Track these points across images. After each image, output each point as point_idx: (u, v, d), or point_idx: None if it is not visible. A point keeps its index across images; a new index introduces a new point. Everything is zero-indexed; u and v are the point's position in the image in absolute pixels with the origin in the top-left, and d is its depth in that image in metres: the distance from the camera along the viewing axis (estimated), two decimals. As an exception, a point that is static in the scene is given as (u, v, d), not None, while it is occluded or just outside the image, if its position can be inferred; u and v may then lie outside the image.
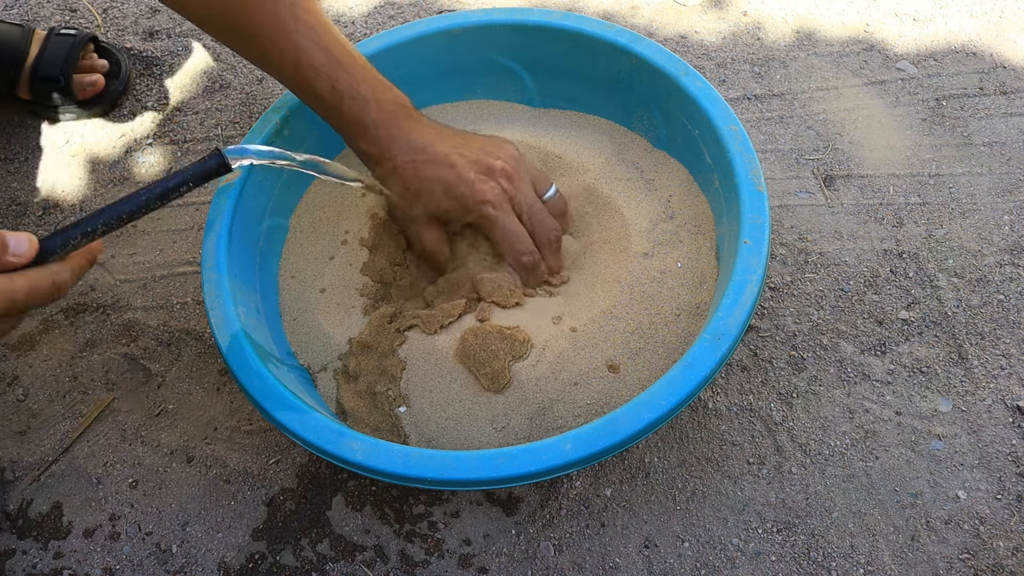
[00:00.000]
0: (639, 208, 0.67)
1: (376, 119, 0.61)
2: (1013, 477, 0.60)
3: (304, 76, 0.60)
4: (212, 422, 0.69)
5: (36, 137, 0.90)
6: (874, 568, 0.58)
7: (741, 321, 0.54)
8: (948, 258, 0.71)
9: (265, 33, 0.59)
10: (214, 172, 0.51)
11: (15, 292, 0.45)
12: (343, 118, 0.62)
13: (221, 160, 0.52)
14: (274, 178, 0.69)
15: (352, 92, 0.60)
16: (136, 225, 0.82)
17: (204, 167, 0.51)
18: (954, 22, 0.87)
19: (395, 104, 0.62)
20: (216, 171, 0.52)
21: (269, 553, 0.62)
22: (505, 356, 0.59)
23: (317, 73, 0.60)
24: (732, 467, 0.63)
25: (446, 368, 0.60)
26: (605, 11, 0.93)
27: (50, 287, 0.47)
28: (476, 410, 0.59)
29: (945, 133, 0.79)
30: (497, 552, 0.61)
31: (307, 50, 0.60)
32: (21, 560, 0.64)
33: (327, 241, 0.71)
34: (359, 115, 0.61)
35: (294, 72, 0.60)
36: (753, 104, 0.83)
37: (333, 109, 0.61)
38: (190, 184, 0.51)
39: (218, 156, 0.52)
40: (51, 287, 0.47)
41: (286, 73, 0.61)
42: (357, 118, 0.61)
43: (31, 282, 0.46)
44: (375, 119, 0.61)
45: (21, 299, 0.46)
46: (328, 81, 0.60)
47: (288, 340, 0.67)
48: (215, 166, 0.51)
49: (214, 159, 0.51)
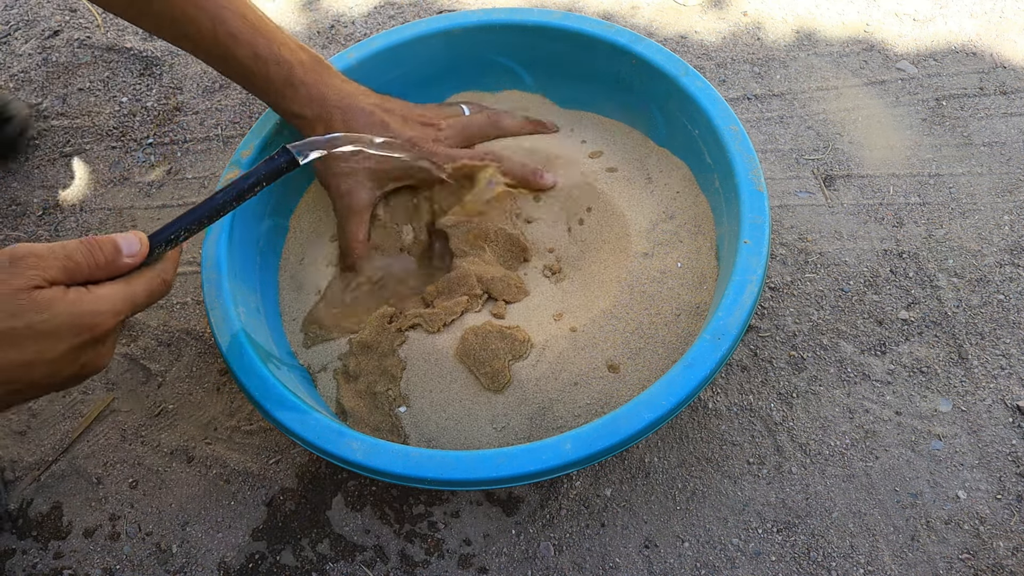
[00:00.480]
0: (639, 208, 0.67)
1: (303, 79, 0.62)
2: (1013, 477, 0.60)
3: (224, 45, 0.60)
4: (212, 422, 0.69)
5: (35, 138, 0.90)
6: (874, 568, 0.58)
7: (741, 321, 0.54)
8: (948, 258, 0.71)
9: (178, 6, 0.59)
10: (284, 169, 0.52)
11: (136, 295, 0.46)
12: (270, 83, 0.62)
13: (290, 157, 0.52)
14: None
15: (275, 56, 0.61)
16: (136, 224, 0.82)
17: (274, 165, 0.52)
18: (954, 22, 0.87)
19: (316, 62, 0.63)
20: (286, 168, 0.52)
21: (269, 553, 0.62)
22: (505, 356, 0.59)
23: (237, 41, 0.60)
24: (732, 467, 0.63)
25: (446, 368, 0.60)
26: (605, 11, 0.93)
27: (162, 286, 0.48)
28: (476, 410, 0.59)
29: (945, 133, 0.79)
30: (497, 552, 0.61)
31: (224, 19, 0.59)
32: (21, 560, 0.64)
33: (327, 241, 0.71)
34: (286, 78, 0.61)
35: (212, 43, 0.60)
36: (753, 104, 0.83)
37: (259, 75, 0.61)
38: (263, 183, 0.51)
39: (286, 153, 0.52)
40: (163, 285, 0.48)
41: (204, 45, 0.61)
42: (285, 80, 0.62)
43: (148, 284, 0.47)
44: (302, 79, 0.62)
45: (142, 301, 0.47)
46: (250, 48, 0.60)
47: (288, 340, 0.67)
48: (284, 164, 0.52)
49: (283, 157, 0.52)
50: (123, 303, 0.45)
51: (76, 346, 0.43)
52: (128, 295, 0.46)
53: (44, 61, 0.97)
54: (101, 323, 0.44)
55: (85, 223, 0.83)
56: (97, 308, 0.44)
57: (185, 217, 0.49)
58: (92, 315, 0.43)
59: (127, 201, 0.84)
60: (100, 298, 0.44)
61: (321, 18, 0.98)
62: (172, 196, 0.84)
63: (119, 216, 0.83)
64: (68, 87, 0.94)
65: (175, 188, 0.85)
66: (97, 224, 0.82)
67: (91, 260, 0.44)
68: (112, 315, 0.44)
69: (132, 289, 0.46)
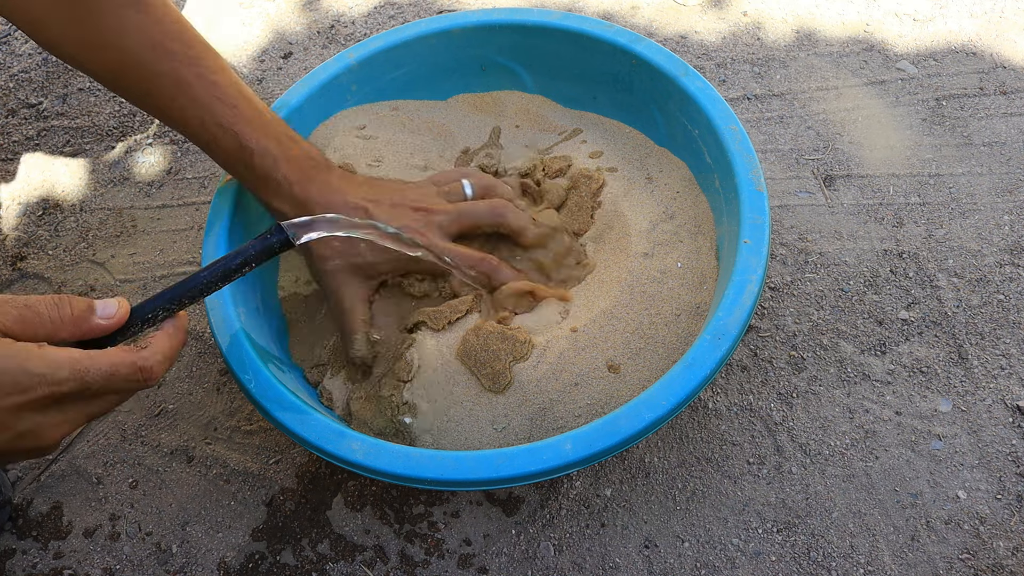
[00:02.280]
0: (639, 208, 0.67)
1: (287, 175, 0.59)
2: (1013, 477, 0.60)
3: (211, 135, 0.58)
4: (212, 422, 0.69)
5: (35, 138, 0.90)
6: (874, 568, 0.58)
7: (741, 321, 0.54)
8: (948, 258, 0.71)
9: (172, 97, 0.57)
10: (277, 250, 0.48)
11: (87, 372, 0.39)
12: (255, 175, 0.59)
13: (283, 237, 0.48)
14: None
15: (261, 149, 0.58)
16: (136, 225, 0.82)
17: (266, 244, 0.47)
18: (954, 22, 0.87)
19: (305, 159, 0.60)
20: (279, 249, 0.48)
21: (269, 553, 0.62)
22: (506, 357, 0.59)
23: (223, 132, 0.57)
24: (732, 467, 0.63)
25: (450, 371, 0.60)
26: (605, 11, 0.93)
27: (131, 370, 0.40)
28: (477, 411, 0.59)
29: (945, 133, 0.79)
30: (497, 552, 0.61)
31: (213, 110, 0.57)
32: (21, 560, 0.64)
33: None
34: (269, 171, 0.59)
35: (200, 130, 0.58)
36: (753, 104, 0.83)
37: (244, 166, 0.59)
38: (252, 264, 0.47)
39: (280, 232, 0.48)
40: (133, 370, 0.40)
41: (191, 131, 0.58)
42: (267, 174, 0.59)
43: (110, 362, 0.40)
44: (285, 175, 0.59)
45: (97, 381, 0.39)
46: (235, 139, 0.58)
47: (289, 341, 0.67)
48: (277, 244, 0.48)
49: (276, 236, 0.48)
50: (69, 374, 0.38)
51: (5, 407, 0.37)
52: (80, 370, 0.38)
53: (44, 61, 0.97)
54: (33, 386, 0.37)
55: (85, 223, 0.83)
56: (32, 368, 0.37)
57: (164, 295, 0.45)
58: (24, 374, 0.37)
59: (127, 201, 0.84)
60: (43, 357, 0.38)
61: (321, 18, 0.98)
62: (172, 196, 0.84)
63: (119, 216, 0.83)
64: (68, 87, 0.94)
65: (175, 188, 0.85)
66: (97, 224, 0.82)
67: (55, 313, 0.39)
68: (50, 383, 0.37)
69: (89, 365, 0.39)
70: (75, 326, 0.40)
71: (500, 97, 0.77)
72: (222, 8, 1.01)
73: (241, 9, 1.00)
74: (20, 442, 0.38)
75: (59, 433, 0.40)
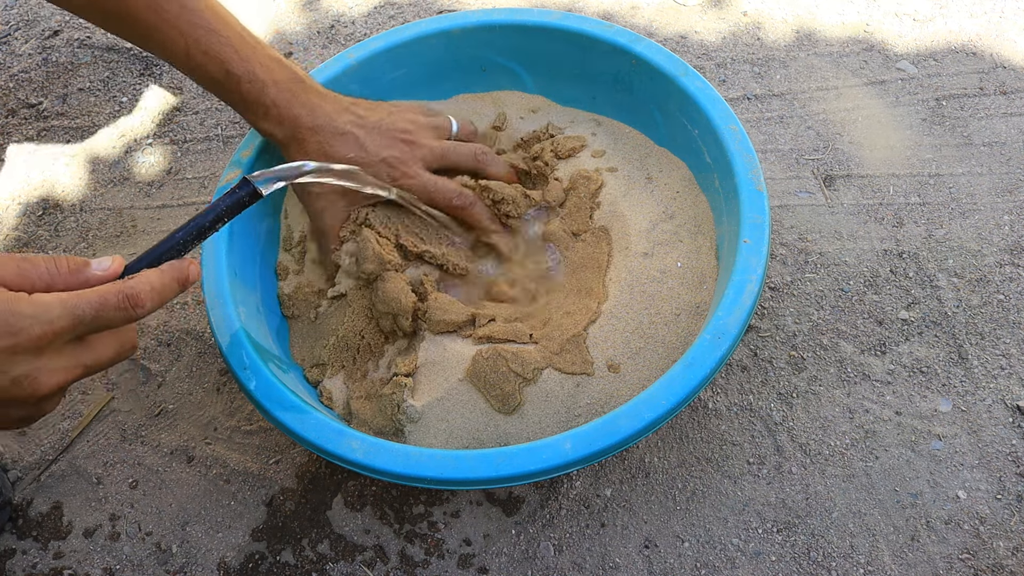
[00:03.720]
0: (639, 208, 0.67)
1: (276, 99, 0.61)
2: (1013, 477, 0.60)
3: (196, 62, 0.59)
4: (212, 422, 0.69)
5: (34, 138, 0.90)
6: (874, 568, 0.58)
7: (741, 321, 0.54)
8: (948, 258, 0.71)
9: (150, 22, 0.58)
10: (246, 202, 0.49)
11: (76, 306, 0.40)
12: (243, 100, 0.61)
13: (251, 189, 0.49)
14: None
15: (248, 74, 0.60)
16: (136, 225, 0.82)
17: (235, 198, 0.49)
18: (954, 22, 0.87)
19: (292, 81, 0.61)
20: (248, 201, 0.49)
21: (269, 553, 0.62)
22: (516, 379, 0.58)
23: (209, 59, 0.59)
24: (732, 467, 0.63)
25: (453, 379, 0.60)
26: (605, 11, 0.93)
27: (119, 298, 0.41)
28: (477, 415, 0.59)
29: (945, 133, 0.79)
30: (497, 552, 0.61)
31: (196, 36, 0.58)
32: (21, 560, 0.64)
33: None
34: (258, 96, 0.60)
35: (185, 59, 0.59)
36: (753, 104, 0.83)
37: (231, 92, 0.60)
38: (225, 219, 0.49)
39: (247, 185, 0.49)
40: (120, 298, 0.41)
41: (177, 60, 0.60)
42: (256, 99, 0.61)
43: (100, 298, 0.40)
44: (274, 99, 0.61)
45: (87, 312, 0.40)
46: (221, 65, 0.59)
47: (288, 340, 0.67)
48: (246, 196, 0.49)
49: (243, 189, 0.49)
50: (60, 311, 0.39)
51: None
52: (70, 304, 0.39)
53: (44, 61, 0.97)
54: (25, 328, 0.38)
55: (85, 223, 0.83)
56: (22, 310, 0.38)
57: (143, 257, 0.46)
58: (15, 315, 0.38)
59: (127, 201, 0.84)
60: (34, 302, 0.39)
61: (321, 18, 0.98)
62: (172, 196, 0.84)
63: (119, 216, 0.83)
64: (68, 87, 0.94)
65: (175, 188, 0.85)
66: (97, 224, 0.82)
67: (52, 266, 0.41)
68: (42, 322, 0.38)
69: (77, 299, 0.40)
70: (72, 276, 0.41)
71: (500, 97, 0.77)
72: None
73: (241, 9, 1.00)
74: (16, 389, 0.39)
75: (56, 381, 0.40)
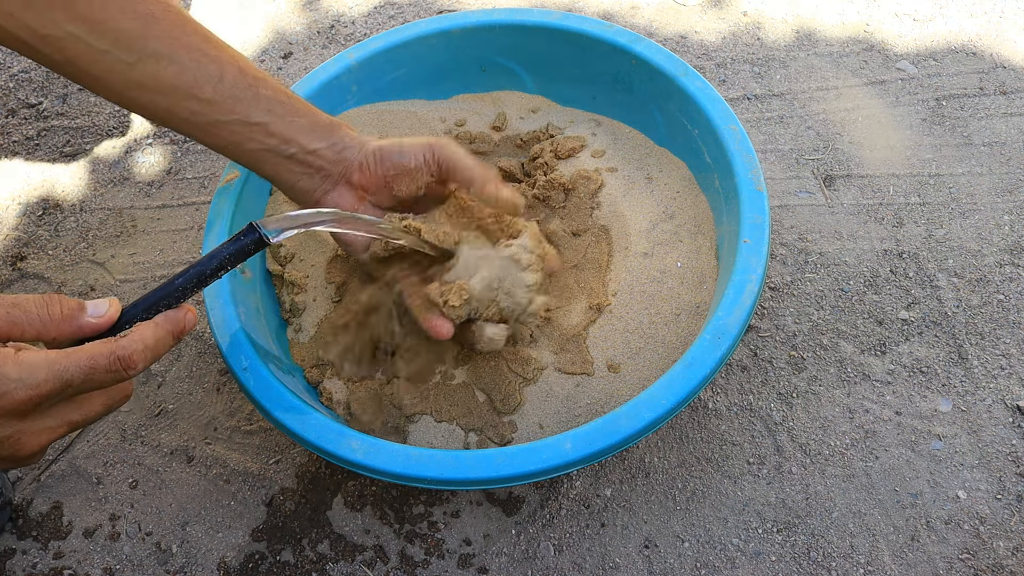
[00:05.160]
0: (639, 208, 0.67)
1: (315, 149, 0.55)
2: (1013, 477, 0.60)
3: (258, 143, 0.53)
4: (212, 422, 0.69)
5: (34, 138, 0.90)
6: (874, 568, 0.58)
7: (741, 321, 0.54)
8: (948, 258, 0.71)
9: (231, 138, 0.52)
10: (251, 250, 0.46)
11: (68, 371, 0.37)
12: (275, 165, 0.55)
13: (256, 236, 0.46)
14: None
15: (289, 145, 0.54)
16: (136, 225, 0.82)
17: (239, 246, 0.46)
18: (954, 22, 0.87)
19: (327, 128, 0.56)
20: (253, 249, 0.46)
21: (269, 553, 0.62)
22: (516, 379, 0.58)
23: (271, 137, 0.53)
24: (732, 467, 0.63)
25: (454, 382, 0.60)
26: (605, 11, 0.93)
27: (110, 360, 0.38)
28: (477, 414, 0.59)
29: (945, 133, 0.79)
30: (497, 552, 0.61)
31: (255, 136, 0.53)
32: (21, 560, 0.64)
33: (327, 240, 0.71)
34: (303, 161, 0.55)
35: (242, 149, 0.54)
36: (753, 104, 0.83)
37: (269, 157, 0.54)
38: (228, 266, 0.45)
39: (253, 232, 0.46)
40: (111, 360, 0.38)
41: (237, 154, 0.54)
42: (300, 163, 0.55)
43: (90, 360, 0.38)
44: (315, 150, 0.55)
45: (76, 376, 0.37)
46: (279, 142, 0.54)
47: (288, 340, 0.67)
48: (251, 244, 0.46)
49: (249, 236, 0.46)
50: (47, 374, 0.37)
51: None
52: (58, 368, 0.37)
53: (44, 61, 0.96)
54: (10, 392, 0.36)
55: (85, 223, 0.83)
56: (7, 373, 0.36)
57: (140, 303, 0.43)
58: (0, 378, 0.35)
59: (127, 201, 0.84)
60: (20, 363, 0.36)
61: (321, 18, 0.98)
62: (172, 196, 0.84)
63: (119, 216, 0.83)
64: (68, 87, 0.94)
65: (175, 188, 0.85)
66: (97, 224, 0.82)
67: (44, 312, 0.38)
68: (28, 386, 0.36)
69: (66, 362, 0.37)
70: (65, 324, 0.39)
71: (500, 97, 0.77)
72: (222, 8, 1.01)
73: (241, 9, 1.00)
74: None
75: (39, 442, 0.38)
